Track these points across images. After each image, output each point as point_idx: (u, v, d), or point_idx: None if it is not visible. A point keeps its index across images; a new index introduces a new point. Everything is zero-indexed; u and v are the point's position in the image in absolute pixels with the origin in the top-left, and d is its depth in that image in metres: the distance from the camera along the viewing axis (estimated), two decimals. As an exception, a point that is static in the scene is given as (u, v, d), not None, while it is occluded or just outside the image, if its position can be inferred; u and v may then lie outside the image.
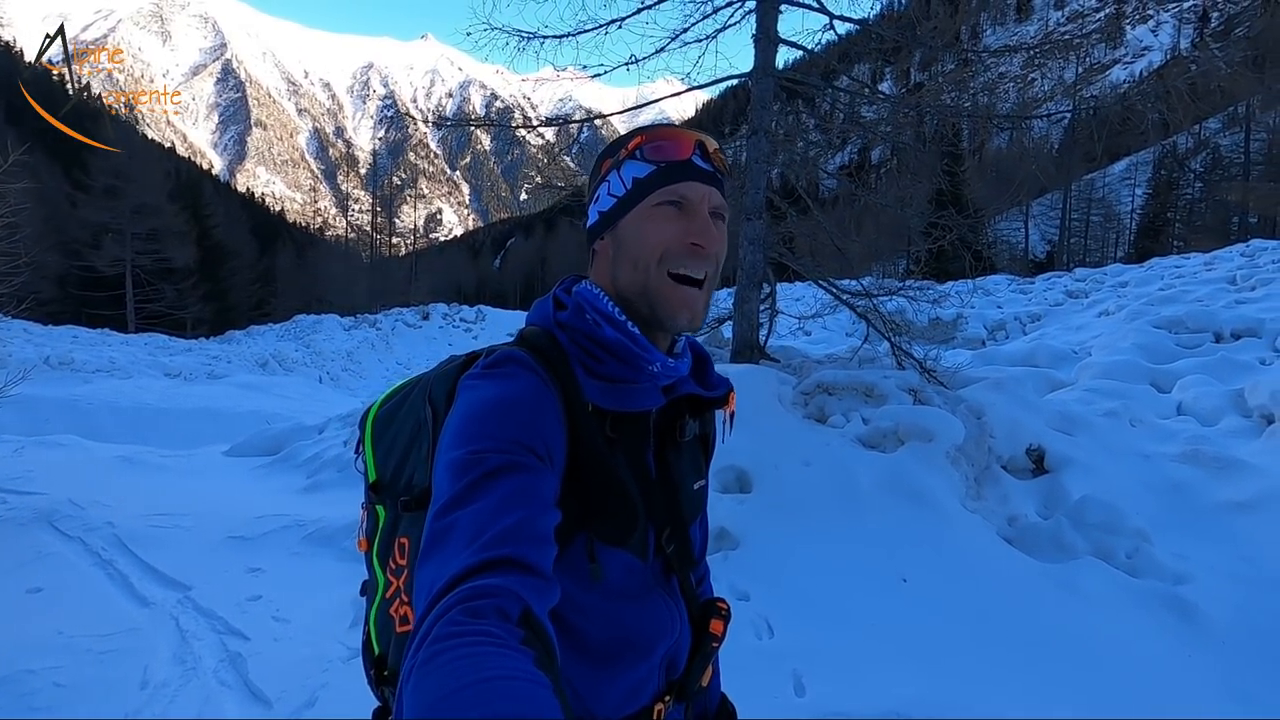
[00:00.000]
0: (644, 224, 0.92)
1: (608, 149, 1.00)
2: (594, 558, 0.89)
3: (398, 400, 1.01)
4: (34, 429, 9.25)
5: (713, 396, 1.02)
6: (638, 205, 0.93)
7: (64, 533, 4.82)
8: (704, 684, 1.05)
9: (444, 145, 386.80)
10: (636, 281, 0.92)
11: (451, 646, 0.58)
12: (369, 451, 1.01)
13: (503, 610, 0.63)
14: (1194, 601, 3.43)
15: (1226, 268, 15.99)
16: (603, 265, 0.97)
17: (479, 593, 0.64)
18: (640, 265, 0.91)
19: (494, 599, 0.64)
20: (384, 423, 1.01)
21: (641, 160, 0.94)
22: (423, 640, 0.60)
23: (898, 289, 6.36)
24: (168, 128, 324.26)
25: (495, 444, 0.78)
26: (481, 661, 0.56)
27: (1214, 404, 6.52)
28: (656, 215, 0.92)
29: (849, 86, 6.87)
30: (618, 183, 0.95)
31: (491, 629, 0.61)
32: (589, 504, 0.87)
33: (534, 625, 0.65)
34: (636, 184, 0.93)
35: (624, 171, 0.95)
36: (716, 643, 1.04)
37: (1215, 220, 36.19)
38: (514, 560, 0.69)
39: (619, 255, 0.94)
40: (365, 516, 1.02)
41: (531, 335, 0.93)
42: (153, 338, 22.90)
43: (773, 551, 3.46)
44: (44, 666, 3.08)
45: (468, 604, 0.63)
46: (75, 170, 28.27)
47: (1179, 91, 6.63)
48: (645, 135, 0.95)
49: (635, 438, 0.94)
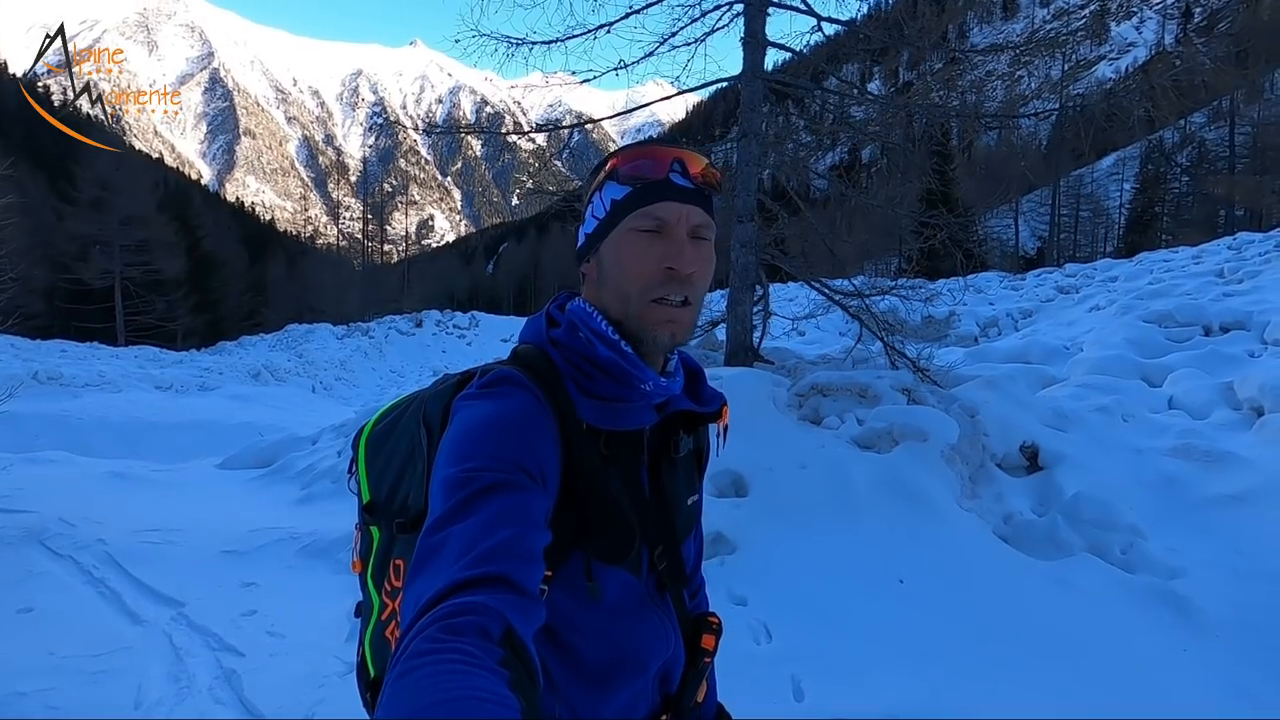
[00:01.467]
0: (621, 250, 0.91)
1: (594, 170, 0.98)
2: (591, 576, 0.89)
3: (392, 420, 1.00)
4: (23, 446, 9.16)
5: (706, 412, 1.01)
6: (614, 230, 0.92)
7: (54, 551, 4.77)
8: (699, 700, 1.05)
9: (435, 151, 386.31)
10: (619, 309, 0.92)
11: (426, 663, 0.58)
12: (362, 472, 1.00)
13: (484, 628, 0.62)
14: (1189, 596, 3.44)
15: (1214, 261, 16.10)
16: (590, 287, 0.97)
17: (461, 610, 0.63)
18: (621, 294, 0.91)
19: (476, 616, 0.63)
20: (378, 443, 1.00)
21: (618, 181, 0.92)
22: (399, 655, 0.60)
23: (889, 288, 6.38)
24: (155, 138, 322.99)
25: (488, 462, 0.78)
26: (452, 680, 0.56)
27: (1204, 397, 6.55)
28: (633, 241, 0.90)
29: (838, 88, 6.89)
30: (599, 205, 0.94)
31: (469, 647, 0.60)
32: (585, 523, 0.87)
33: (515, 645, 0.64)
34: (614, 206, 0.92)
35: (604, 194, 0.94)
36: (708, 658, 1.04)
37: (1202, 214, 36.45)
38: (500, 578, 0.68)
39: (602, 280, 0.94)
40: (360, 537, 1.01)
41: (526, 354, 0.92)
42: (143, 350, 22.76)
43: (769, 555, 3.45)
44: (35, 688, 3.05)
45: (448, 621, 0.62)
46: (61, 182, 28.13)
47: (1163, 88, 6.68)
48: (622, 156, 0.94)
49: (629, 455, 0.94)
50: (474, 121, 72.64)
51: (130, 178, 28.80)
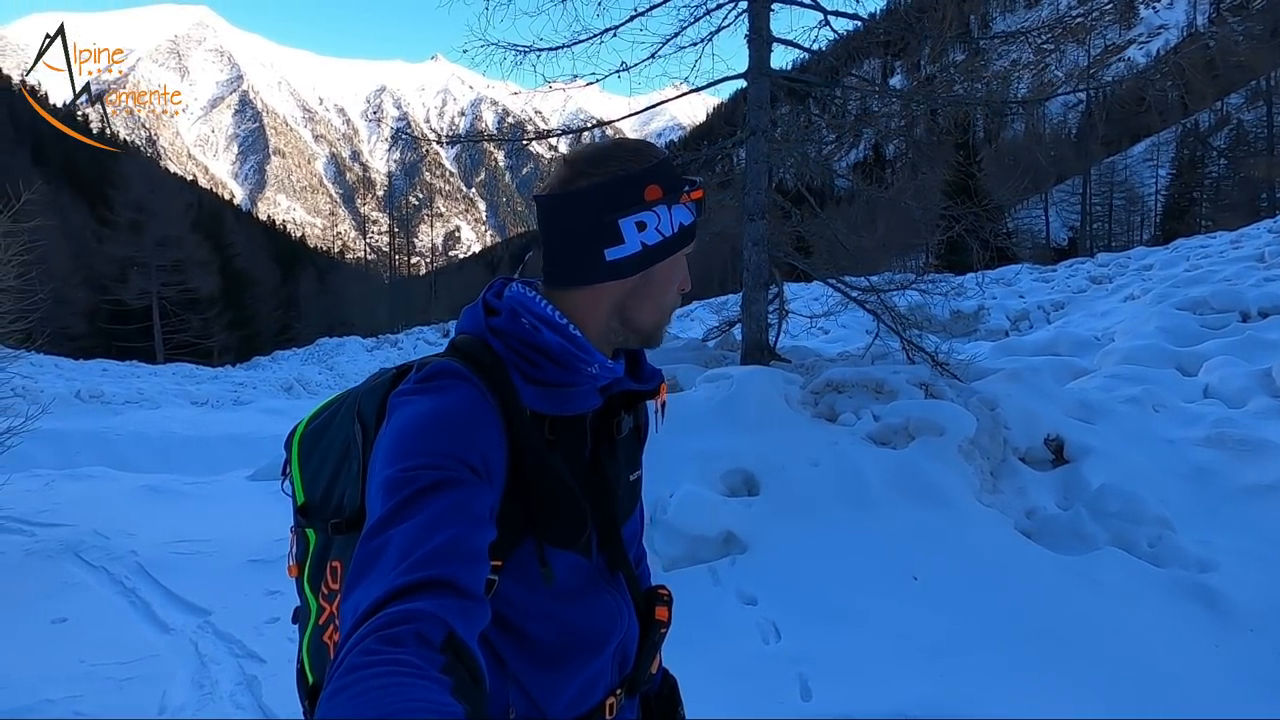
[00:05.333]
0: (674, 271, 0.97)
1: (658, 172, 0.93)
2: (545, 562, 0.89)
3: (325, 418, 0.99)
4: (66, 462, 9.45)
5: (646, 389, 1.02)
6: (679, 250, 0.96)
7: (89, 563, 4.91)
8: (653, 671, 1.06)
9: (459, 163, 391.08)
10: (653, 322, 0.97)
11: (362, 678, 0.56)
12: (296, 472, 0.99)
13: (423, 636, 0.62)
14: (1220, 589, 3.32)
15: (1254, 245, 15.61)
16: (615, 294, 0.94)
17: (399, 618, 0.63)
18: (661, 308, 0.97)
19: (414, 624, 0.62)
20: (311, 442, 0.99)
21: (691, 209, 0.96)
22: (335, 670, 0.59)
23: (909, 283, 6.29)
24: (189, 160, 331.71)
25: (428, 460, 0.77)
26: (386, 694, 0.55)
27: (1241, 384, 6.35)
28: (681, 265, 0.98)
29: (855, 84, 6.82)
30: (667, 222, 0.93)
31: (407, 656, 0.59)
32: (536, 510, 0.87)
33: (458, 650, 0.63)
34: (682, 231, 0.95)
35: (675, 215, 0.94)
36: (664, 629, 1.05)
37: (1243, 197, 35.31)
38: (441, 581, 0.67)
39: (644, 292, 0.95)
40: (295, 540, 1.00)
41: (465, 344, 0.91)
42: (180, 367, 23.34)
43: (780, 555, 3.41)
44: (65, 696, 3.14)
45: (385, 631, 0.61)
46: (100, 207, 29.02)
47: (1193, 68, 6.49)
48: (700, 188, 0.97)
49: (573, 440, 0.94)
50: (496, 132, 73.12)
51: (164, 200, 29.66)
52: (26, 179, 6.75)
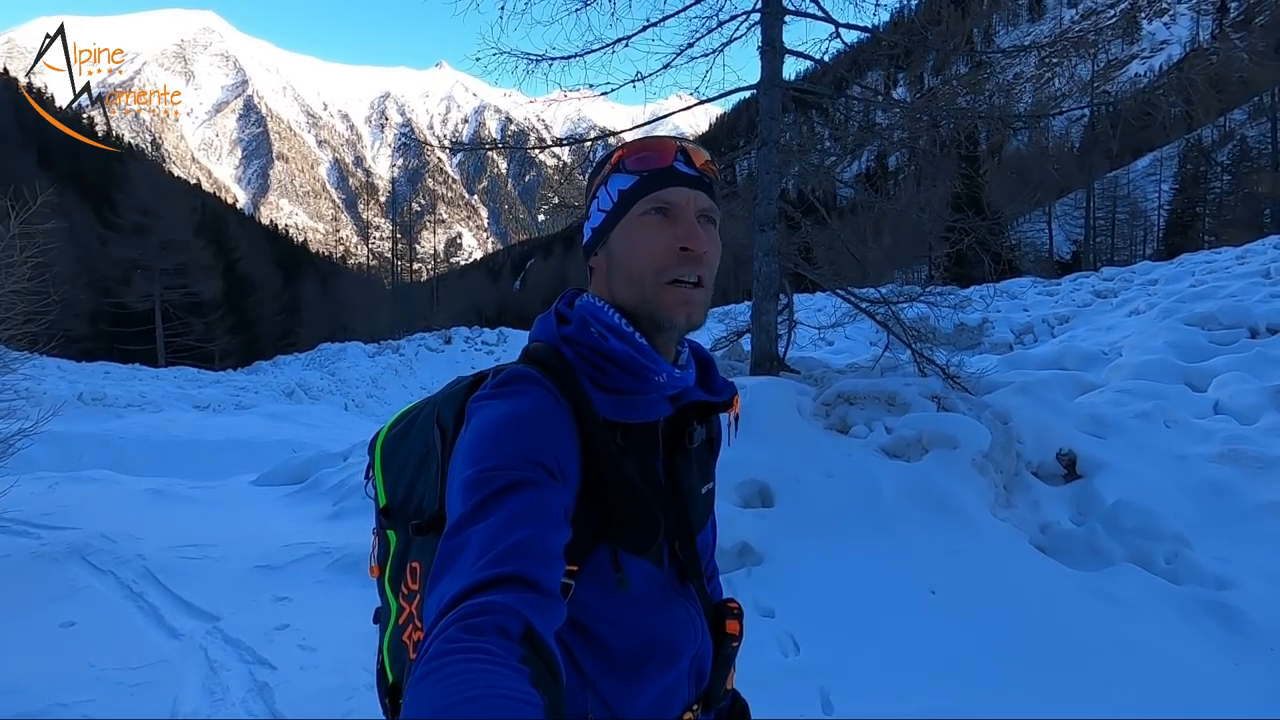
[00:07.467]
0: (633, 235, 0.93)
1: (595, 167, 1.01)
2: (619, 566, 0.89)
3: (406, 423, 1.02)
4: (69, 465, 9.43)
5: (719, 401, 1.02)
6: (625, 217, 0.94)
7: (96, 566, 4.88)
8: (729, 687, 1.06)
9: (461, 170, 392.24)
10: (634, 295, 0.93)
11: (446, 664, 0.58)
12: (379, 476, 1.02)
13: (502, 627, 0.63)
14: (1239, 607, 3.31)
15: (1259, 261, 15.63)
16: (600, 281, 0.97)
17: (480, 610, 0.64)
18: (635, 279, 0.92)
19: (494, 616, 0.64)
20: (393, 446, 1.01)
21: (625, 172, 0.94)
22: (421, 657, 0.61)
23: (918, 295, 6.29)
24: (193, 164, 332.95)
25: (505, 461, 0.78)
26: (472, 679, 0.57)
27: (1252, 401, 6.34)
28: (644, 225, 0.92)
29: (861, 95, 6.84)
30: (605, 198, 0.96)
31: (489, 646, 0.61)
32: (610, 514, 0.87)
33: (535, 643, 0.64)
34: (621, 195, 0.94)
35: (610, 186, 0.96)
36: (736, 642, 1.04)
37: (1246, 213, 35.36)
38: (519, 577, 0.69)
39: (613, 269, 0.95)
40: (376, 542, 1.03)
41: (538, 351, 0.93)
42: (182, 371, 23.32)
43: (796, 566, 3.40)
44: (75, 700, 3.11)
45: (467, 621, 0.63)
46: (105, 210, 29.09)
47: (1195, 83, 6.51)
48: (627, 148, 0.96)
49: (645, 448, 0.95)
50: (499, 139, 73.84)
51: (169, 204, 29.73)
52: (33, 181, 6.77)
